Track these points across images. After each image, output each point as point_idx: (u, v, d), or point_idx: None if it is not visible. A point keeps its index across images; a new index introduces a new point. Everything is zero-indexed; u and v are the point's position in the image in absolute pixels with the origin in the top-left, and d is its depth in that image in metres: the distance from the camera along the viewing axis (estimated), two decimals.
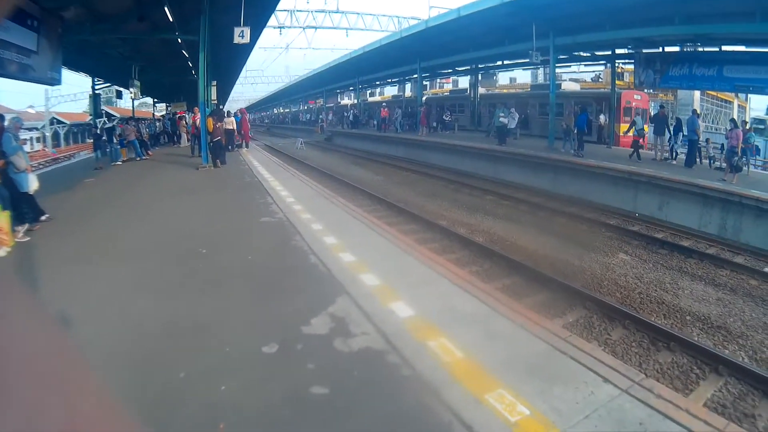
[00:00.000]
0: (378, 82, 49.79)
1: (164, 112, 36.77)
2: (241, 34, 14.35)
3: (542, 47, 20.20)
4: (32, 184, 8.14)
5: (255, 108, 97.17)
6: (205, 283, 5.43)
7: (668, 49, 19.14)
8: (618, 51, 22.10)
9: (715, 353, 5.91)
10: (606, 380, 3.39)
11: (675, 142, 17.22)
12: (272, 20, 25.31)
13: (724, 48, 17.17)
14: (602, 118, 22.83)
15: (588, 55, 24.43)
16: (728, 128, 15.31)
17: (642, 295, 8.06)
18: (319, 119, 52.67)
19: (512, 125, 24.00)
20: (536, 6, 17.21)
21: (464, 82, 42.02)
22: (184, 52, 19.74)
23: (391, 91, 57.75)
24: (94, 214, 9.32)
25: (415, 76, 34.41)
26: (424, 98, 35.29)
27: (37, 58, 10.72)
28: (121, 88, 28.53)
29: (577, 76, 40.04)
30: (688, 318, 7.27)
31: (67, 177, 14.97)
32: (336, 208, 9.65)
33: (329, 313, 4.48)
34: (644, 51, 19.84)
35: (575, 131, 18.72)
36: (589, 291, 7.81)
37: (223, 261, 6.23)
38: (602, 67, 32.09)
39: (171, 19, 14.34)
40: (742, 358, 6.10)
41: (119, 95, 31.22)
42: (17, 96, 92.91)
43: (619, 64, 25.03)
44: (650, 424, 2.95)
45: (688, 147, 16.40)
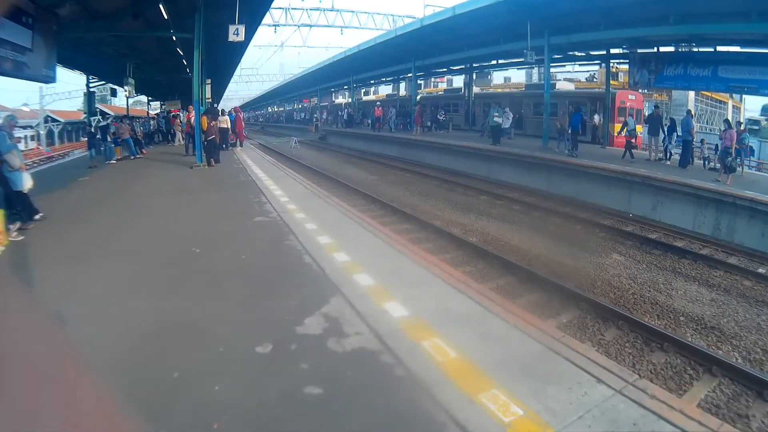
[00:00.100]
0: (373, 81, 49.81)
1: (159, 111, 36.65)
2: (235, 32, 14.30)
3: (537, 46, 20.27)
4: (26, 182, 8.07)
5: (249, 106, 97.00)
6: (199, 283, 5.41)
7: (663, 49, 19.24)
8: (613, 51, 22.22)
9: (709, 354, 5.93)
10: (600, 381, 3.39)
11: (669, 142, 17.27)
12: (267, 18, 25.36)
13: (719, 48, 17.27)
14: (597, 118, 22.93)
15: (583, 54, 24.53)
16: (722, 129, 15.38)
17: (636, 296, 8.07)
18: (313, 118, 52.61)
19: (507, 125, 24.01)
20: (531, 4, 17.24)
21: (459, 81, 41.99)
22: (178, 50, 19.66)
23: (385, 90, 57.70)
24: (88, 214, 9.27)
25: (410, 75, 34.42)
26: (418, 97, 35.31)
27: (32, 56, 10.64)
28: (115, 86, 28.41)
29: (572, 75, 40.07)
30: (681, 319, 7.29)
31: (62, 175, 14.88)
32: (330, 207, 9.63)
33: (323, 313, 4.47)
34: (639, 51, 19.95)
35: (569, 131, 18.72)
36: (582, 291, 7.82)
37: (217, 261, 6.21)
38: (597, 67, 32.16)
39: (166, 16, 14.28)
40: (736, 359, 6.12)
41: (114, 93, 31.06)
42: (11, 94, 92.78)
43: (614, 64, 25.17)
44: (644, 425, 2.96)
45: (682, 147, 16.45)
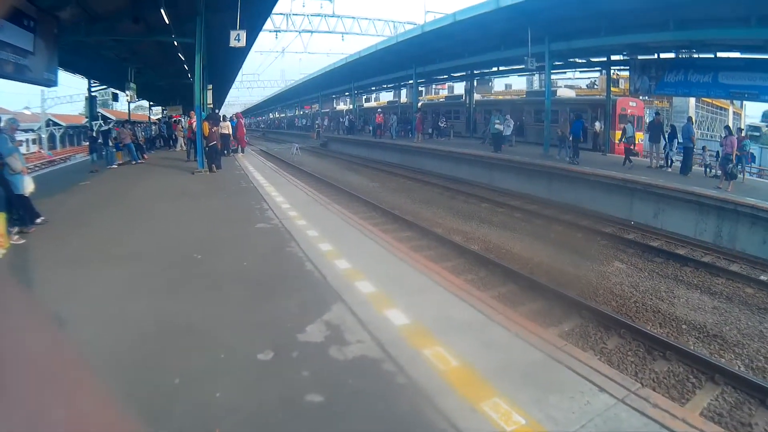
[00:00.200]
0: (374, 88, 49.90)
1: (160, 116, 36.72)
2: (237, 38, 14.34)
3: (537, 53, 20.30)
4: (28, 186, 8.08)
5: (251, 112, 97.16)
6: (200, 288, 5.39)
7: (663, 55, 19.24)
8: (613, 57, 22.26)
9: (712, 362, 5.91)
10: (602, 389, 3.37)
11: (670, 149, 17.27)
12: (268, 24, 25.41)
13: (720, 55, 17.28)
14: (597, 125, 22.95)
15: (583, 61, 24.59)
16: (723, 135, 15.38)
17: (638, 304, 8.06)
18: (314, 125, 52.72)
19: (508, 132, 24.02)
20: (531, 11, 17.30)
21: (460, 88, 42.07)
22: (180, 55, 19.71)
23: (386, 97, 57.93)
24: (88, 218, 9.26)
25: (411, 81, 34.46)
26: (419, 104, 35.37)
27: (34, 59, 10.68)
28: (117, 91, 28.44)
29: (573, 82, 40.26)
30: (684, 327, 7.28)
31: (63, 179, 14.92)
32: (331, 214, 9.63)
33: (324, 320, 4.45)
34: (639, 57, 19.98)
35: (570, 138, 18.75)
36: (584, 300, 7.81)
37: (218, 267, 6.20)
38: (597, 74, 32.27)
39: (167, 21, 14.29)
40: (739, 367, 6.10)
41: (115, 98, 31.10)
42: (13, 97, 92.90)
43: (615, 71, 25.21)
44: None
45: (683, 154, 16.44)
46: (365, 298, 4.99)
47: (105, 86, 28.29)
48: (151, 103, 39.23)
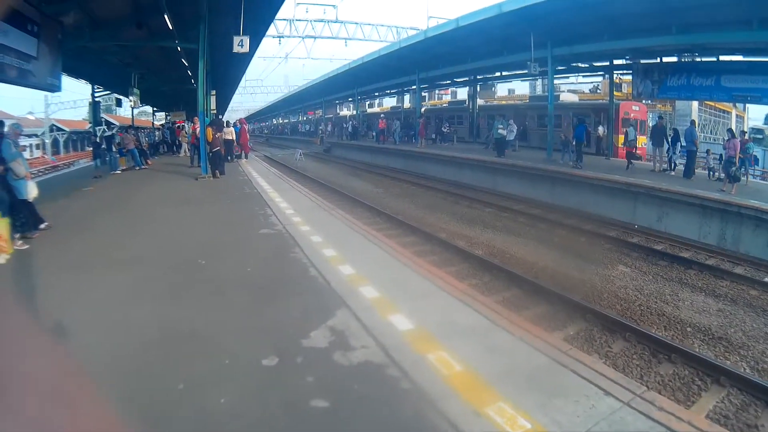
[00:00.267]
0: (377, 93, 49.97)
1: (164, 121, 36.83)
2: (240, 43, 14.39)
3: (540, 58, 20.33)
4: (31, 191, 8.09)
5: (254, 118, 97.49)
6: (204, 294, 5.40)
7: (666, 59, 19.26)
8: (616, 62, 22.24)
9: (717, 364, 5.89)
10: (607, 393, 3.36)
11: (673, 152, 17.25)
12: (271, 29, 25.47)
13: (722, 58, 17.28)
14: (601, 129, 22.93)
15: (586, 66, 24.58)
16: (726, 138, 15.37)
17: (642, 307, 8.04)
18: (318, 130, 52.80)
19: (511, 137, 24.03)
20: (534, 16, 17.29)
21: (463, 93, 42.19)
22: (183, 60, 19.80)
23: (390, 103, 58.03)
24: (92, 223, 9.28)
25: (414, 87, 34.53)
26: (422, 109, 35.40)
27: (37, 64, 10.73)
28: (120, 96, 28.58)
29: (576, 87, 40.25)
30: (689, 329, 7.26)
31: (67, 185, 14.95)
32: (335, 220, 9.62)
33: (329, 325, 4.45)
34: (642, 61, 19.98)
35: (574, 143, 18.74)
36: (589, 303, 7.79)
37: (222, 272, 6.20)
38: (600, 78, 32.24)
39: (170, 26, 14.35)
40: (744, 369, 6.09)
41: (119, 103, 31.27)
42: (17, 102, 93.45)
43: (617, 75, 25.17)
44: None
45: (686, 158, 16.42)
46: (369, 304, 4.98)
47: (108, 92, 28.43)
48: (154, 108, 39.36)
